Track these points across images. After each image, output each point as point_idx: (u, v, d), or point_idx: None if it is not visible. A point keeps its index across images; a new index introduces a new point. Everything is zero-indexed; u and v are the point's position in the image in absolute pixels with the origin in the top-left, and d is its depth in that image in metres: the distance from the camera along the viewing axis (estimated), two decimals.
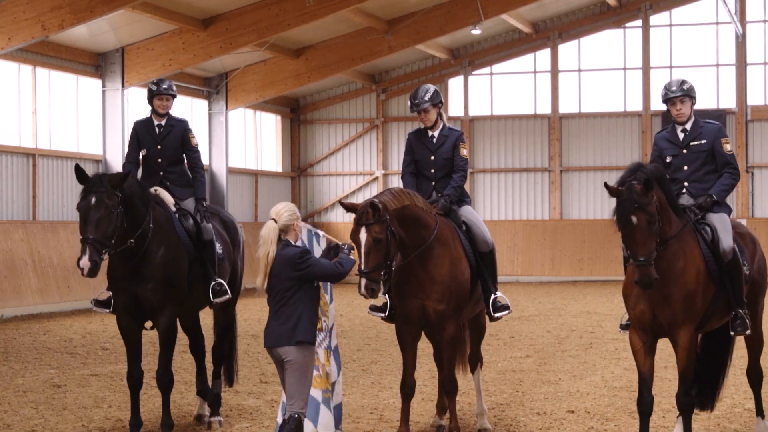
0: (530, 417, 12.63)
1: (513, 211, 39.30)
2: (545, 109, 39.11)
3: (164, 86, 12.44)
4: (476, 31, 35.10)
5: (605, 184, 10.28)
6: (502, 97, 39.53)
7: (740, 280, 10.61)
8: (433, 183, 11.77)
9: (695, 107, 11.48)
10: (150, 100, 12.46)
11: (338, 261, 9.52)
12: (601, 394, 14.11)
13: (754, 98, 37.39)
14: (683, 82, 11.34)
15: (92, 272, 10.53)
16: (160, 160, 12.38)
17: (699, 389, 11.45)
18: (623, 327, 10.96)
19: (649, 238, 9.79)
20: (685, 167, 11.06)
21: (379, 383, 15.14)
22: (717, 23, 37.84)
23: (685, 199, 10.87)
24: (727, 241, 10.59)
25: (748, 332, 10.68)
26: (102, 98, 30.58)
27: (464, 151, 11.83)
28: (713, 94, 37.90)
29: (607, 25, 38.52)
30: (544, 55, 39.08)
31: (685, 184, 10.98)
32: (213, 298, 11.96)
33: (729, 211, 10.97)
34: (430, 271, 10.86)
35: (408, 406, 11.07)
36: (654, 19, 38.27)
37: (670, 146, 11.20)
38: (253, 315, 25.50)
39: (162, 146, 12.39)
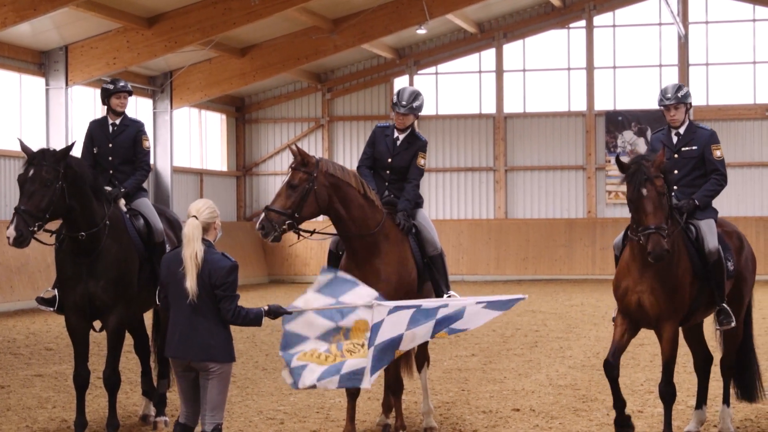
0: (476, 415, 12.69)
1: (458, 211, 39.42)
2: (490, 108, 39.26)
3: (121, 84, 12.43)
4: (422, 31, 35.19)
5: (617, 158, 10.69)
6: (447, 97, 39.64)
7: (723, 278, 10.96)
8: (387, 183, 11.80)
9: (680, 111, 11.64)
10: (107, 99, 12.41)
11: (249, 309, 9.01)
12: (546, 392, 14.20)
13: (696, 99, 37.71)
14: (679, 88, 11.59)
15: (18, 242, 10.42)
16: (110, 158, 12.34)
17: (738, 382, 11.92)
18: (615, 320, 11.20)
19: (659, 209, 10.12)
20: (676, 171, 11.30)
21: None
22: (660, 24, 38.17)
23: (673, 202, 11.06)
24: (712, 242, 10.93)
25: (733, 324, 11.05)
26: (45, 97, 30.36)
27: (422, 161, 11.88)
28: (656, 94, 38.01)
29: (552, 26, 38.75)
30: (489, 55, 39.23)
31: (675, 187, 11.17)
32: (159, 301, 11.90)
33: (715, 214, 11.29)
34: (376, 267, 10.90)
35: (353, 405, 11.11)
36: (598, 19, 38.54)
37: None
38: None
39: (114, 145, 12.35)
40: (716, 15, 38.01)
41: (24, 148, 10.92)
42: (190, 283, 8.60)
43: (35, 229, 10.60)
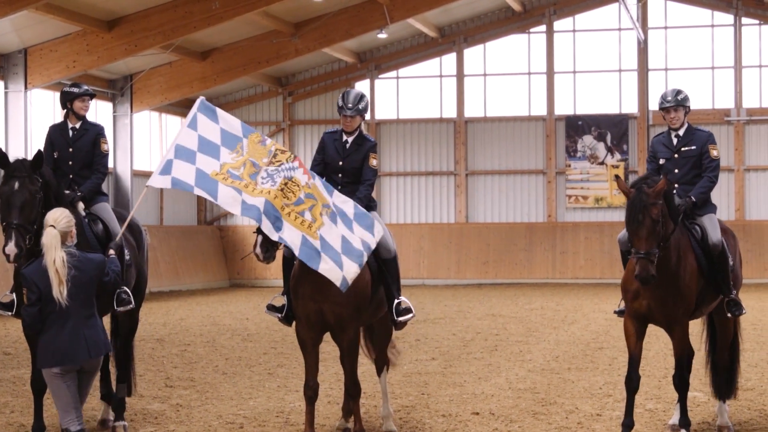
0: (435, 419, 12.72)
1: (419, 215, 39.46)
2: (451, 113, 39.33)
3: (84, 87, 12.41)
4: (383, 35, 35.24)
5: (616, 177, 11.67)
6: (408, 101, 39.68)
7: (728, 269, 11.64)
8: (339, 187, 11.79)
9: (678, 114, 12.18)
10: (69, 103, 12.35)
11: (112, 269, 9.52)
12: (505, 395, 14.24)
13: (656, 103, 37.87)
14: (678, 92, 12.21)
15: (18, 257, 10.39)
16: (71, 163, 12.29)
17: (716, 380, 12.46)
18: (618, 313, 11.81)
19: (651, 236, 10.69)
20: (676, 170, 12.04)
21: (285, 386, 15.14)
22: (619, 29, 38.37)
23: (675, 200, 11.62)
24: (715, 235, 11.65)
25: (744, 312, 11.79)
26: (4, 100, 30.17)
27: (374, 162, 11.87)
28: (616, 99, 38.40)
29: (512, 30, 38.87)
30: (450, 59, 39.31)
31: (676, 186, 11.83)
32: (117, 307, 11.84)
33: (714, 209, 12.07)
34: None
35: (312, 409, 11.11)
36: (558, 24, 38.69)
37: (664, 149, 12.18)
38: (157, 319, 25.33)
39: (74, 149, 12.31)
40: (675, 20, 38.25)
41: (1, 157, 10.77)
42: (60, 288, 8.92)
43: (28, 243, 10.53)
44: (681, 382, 11.40)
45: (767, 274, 36.12)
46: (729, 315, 11.75)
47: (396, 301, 11.54)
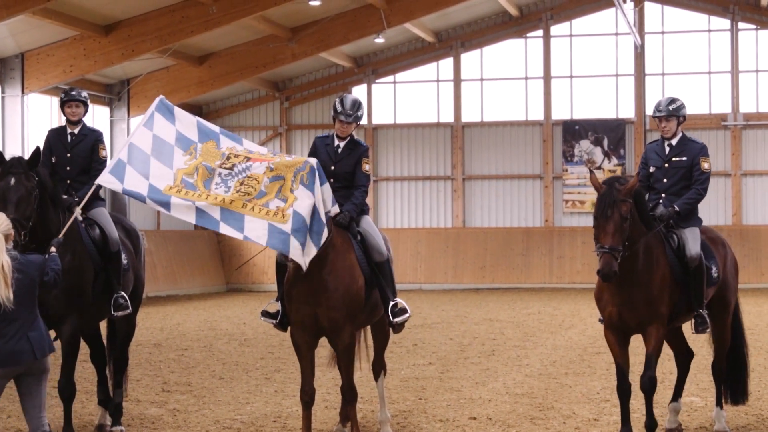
0: (433, 424, 12.71)
1: (416, 219, 39.46)
2: (448, 117, 39.34)
3: (73, 92, 12.38)
4: (379, 40, 35.28)
5: (590, 171, 11.43)
6: (405, 106, 39.68)
7: (702, 284, 11.50)
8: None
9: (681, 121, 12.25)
10: (61, 108, 12.38)
11: (51, 267, 9.50)
12: (503, 400, 14.24)
13: (653, 108, 37.90)
14: (672, 101, 12.22)
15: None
16: (68, 168, 12.29)
17: (729, 385, 12.49)
18: (602, 321, 11.64)
19: (617, 232, 10.66)
20: (665, 180, 12.00)
21: (283, 391, 15.13)
22: (616, 34, 38.38)
23: (660, 209, 11.69)
24: (695, 248, 11.50)
25: (708, 330, 11.66)
26: (1, 104, 30.16)
27: (367, 167, 11.84)
28: (613, 103, 38.41)
29: (509, 35, 38.88)
30: (447, 64, 39.32)
31: (663, 195, 11.88)
32: (114, 312, 11.84)
33: (699, 223, 11.91)
34: (324, 277, 10.89)
35: (309, 414, 11.11)
36: (555, 29, 38.70)
37: (655, 157, 12.13)
38: (154, 323, 25.31)
39: (72, 154, 12.31)
40: (672, 25, 38.29)
41: None
42: (6, 292, 8.89)
43: (24, 239, 10.52)
44: (647, 383, 11.14)
45: (764, 278, 36.11)
46: (693, 332, 11.61)
47: (391, 302, 11.55)
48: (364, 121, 39.03)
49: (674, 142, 12.09)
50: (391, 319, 11.56)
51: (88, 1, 27.83)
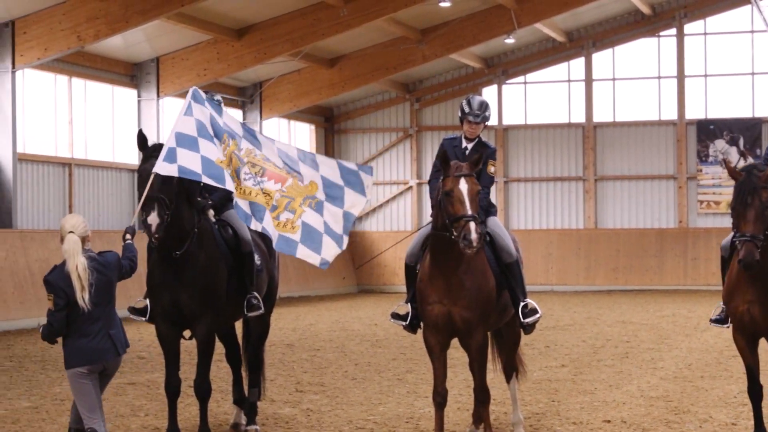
0: (566, 426, 12.61)
1: (547, 220, 39.24)
2: (579, 118, 39.04)
3: (207, 96, 12.46)
4: (510, 41, 35.13)
5: (724, 161, 11.04)
6: (536, 106, 39.50)
7: None
8: None
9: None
10: None
11: (127, 256, 9.69)
12: (637, 403, 14.06)
13: None
14: None
15: (159, 229, 10.59)
16: None
17: None
18: (714, 321, 11.49)
19: (758, 220, 10.34)
20: None
21: (415, 392, 15.14)
22: (752, 32, 37.68)
23: None
24: None
25: None
26: (137, 108, 30.75)
27: (492, 169, 11.73)
28: (748, 102, 37.72)
29: (642, 34, 38.44)
30: (578, 64, 39.02)
31: None
32: (247, 312, 11.93)
33: None
34: (459, 277, 10.84)
35: (441, 415, 11.07)
36: (688, 27, 38.15)
37: None
38: (287, 324, 25.55)
39: None
40: None
41: (141, 138, 11.07)
42: (83, 294, 9.10)
43: (167, 219, 10.74)
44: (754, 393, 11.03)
45: None
46: None
47: (522, 303, 11.46)
48: (494, 122, 39.08)
49: None
50: (522, 320, 11.49)
51: (222, 6, 28.22)
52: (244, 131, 11.29)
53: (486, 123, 11.75)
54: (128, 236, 9.93)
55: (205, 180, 10.74)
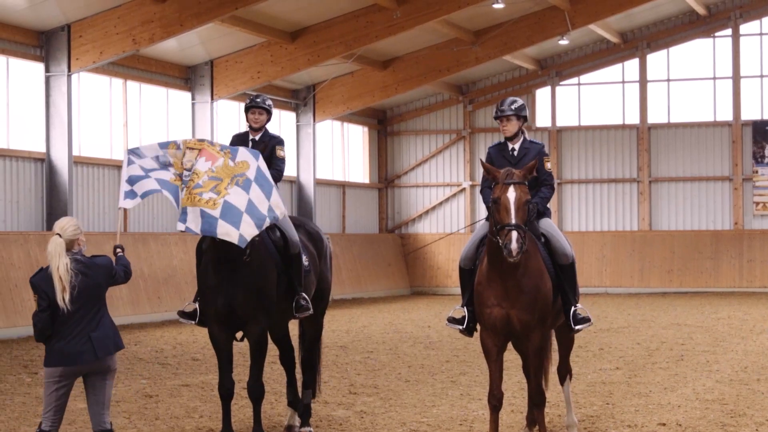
0: (621, 429, 12.54)
1: (601, 222, 39.06)
2: (633, 119, 38.84)
3: (258, 99, 12.46)
4: (564, 42, 35.00)
5: None
6: (589, 108, 39.34)
7: None
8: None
9: None
10: (245, 114, 12.53)
11: (121, 263, 9.74)
12: (692, 406, 13.96)
13: None
14: None
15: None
16: None
17: None
18: None
19: None
20: None
21: (468, 395, 15.11)
22: None
23: None
24: None
25: None
26: (191, 111, 30.92)
27: (548, 165, 11.67)
28: None
29: (697, 35, 38.18)
30: (632, 65, 38.83)
31: None
32: (296, 313, 11.96)
33: None
34: (518, 279, 10.81)
35: (496, 418, 11.04)
36: (744, 27, 37.86)
37: None
38: (340, 326, 25.58)
39: None
40: None
41: None
42: (63, 294, 9.14)
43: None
44: None
45: None
46: None
47: (573, 309, 11.40)
48: (548, 124, 38.98)
49: None
50: (573, 326, 11.43)
51: (275, 9, 28.32)
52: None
53: (520, 118, 11.59)
54: (119, 251, 10.02)
55: (165, 193, 11.02)
